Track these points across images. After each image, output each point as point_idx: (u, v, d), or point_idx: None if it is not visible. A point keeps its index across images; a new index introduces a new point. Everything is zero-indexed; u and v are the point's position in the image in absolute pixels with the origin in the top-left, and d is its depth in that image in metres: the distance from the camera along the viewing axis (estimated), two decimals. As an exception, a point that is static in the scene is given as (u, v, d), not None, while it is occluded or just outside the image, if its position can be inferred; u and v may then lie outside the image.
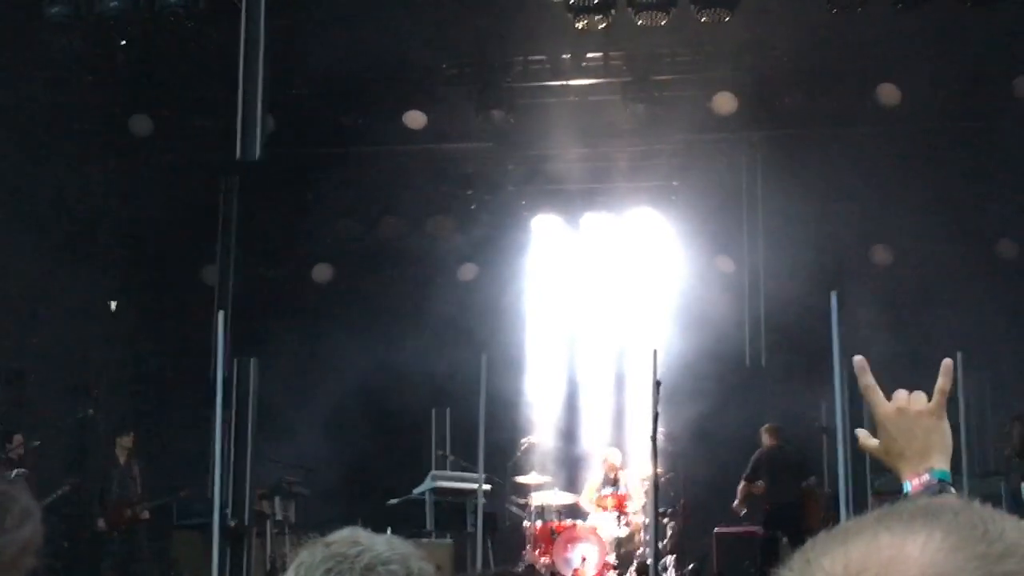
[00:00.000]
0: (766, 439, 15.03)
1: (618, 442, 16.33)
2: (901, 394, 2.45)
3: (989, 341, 13.87)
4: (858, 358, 2.44)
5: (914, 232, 15.81)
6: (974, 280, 15.17)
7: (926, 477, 2.37)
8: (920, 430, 2.41)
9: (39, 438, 14.40)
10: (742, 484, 15.00)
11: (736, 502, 14.99)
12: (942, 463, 2.39)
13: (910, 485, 2.39)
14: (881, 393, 2.45)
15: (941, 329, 14.00)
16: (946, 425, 2.44)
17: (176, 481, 14.66)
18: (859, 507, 12.60)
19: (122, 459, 14.56)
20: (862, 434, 2.55)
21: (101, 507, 14.39)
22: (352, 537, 2.30)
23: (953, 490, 2.35)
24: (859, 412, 2.53)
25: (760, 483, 14.95)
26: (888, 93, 15.46)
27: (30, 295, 15.50)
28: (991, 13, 14.10)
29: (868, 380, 2.45)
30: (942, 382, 2.43)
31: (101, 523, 14.35)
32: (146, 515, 14.43)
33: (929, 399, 2.44)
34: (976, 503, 1.16)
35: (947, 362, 2.44)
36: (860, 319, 13.70)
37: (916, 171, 15.39)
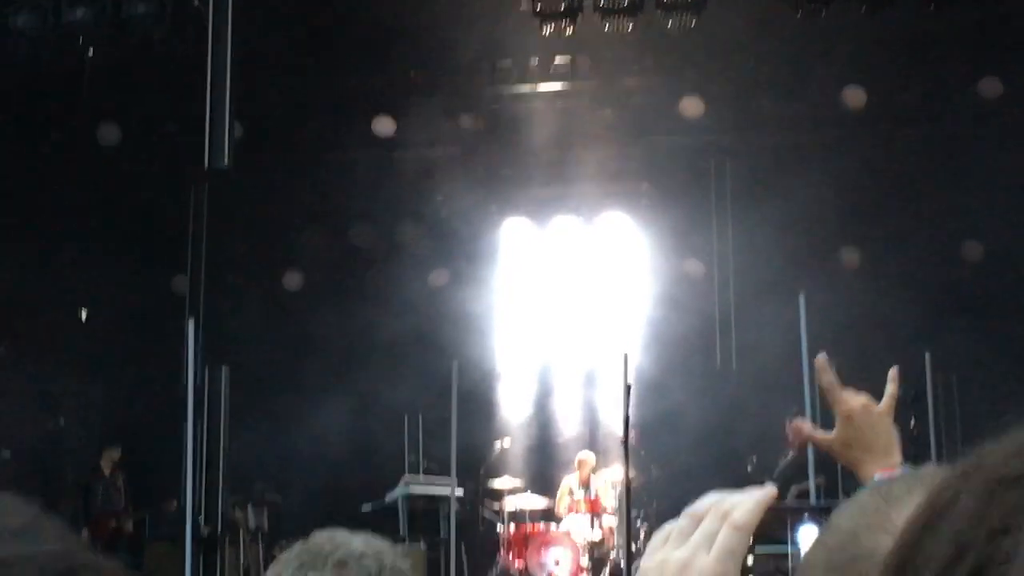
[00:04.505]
0: None
1: (590, 445, 16.35)
2: (853, 393, 2.57)
3: (956, 342, 13.95)
4: (820, 357, 2.56)
5: (882, 234, 15.91)
6: (941, 282, 15.28)
7: (898, 471, 2.46)
8: (883, 428, 2.54)
9: (8, 449, 14.33)
10: None
11: None
12: (900, 459, 2.52)
13: (881, 478, 2.47)
14: (841, 391, 2.55)
15: (909, 330, 14.09)
16: (894, 427, 2.57)
17: (148, 490, 14.59)
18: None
19: (107, 471, 14.49)
20: (807, 426, 2.65)
21: (85, 518, 14.32)
22: (329, 535, 2.40)
23: None
24: (829, 413, 2.61)
25: None
26: (854, 96, 15.56)
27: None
28: (956, 15, 14.21)
29: (829, 378, 2.55)
30: (892, 388, 2.59)
31: (85, 534, 14.26)
32: (130, 527, 14.38)
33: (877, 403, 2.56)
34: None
35: (894, 370, 2.60)
36: (828, 321, 13.77)
37: (883, 174, 15.49)
